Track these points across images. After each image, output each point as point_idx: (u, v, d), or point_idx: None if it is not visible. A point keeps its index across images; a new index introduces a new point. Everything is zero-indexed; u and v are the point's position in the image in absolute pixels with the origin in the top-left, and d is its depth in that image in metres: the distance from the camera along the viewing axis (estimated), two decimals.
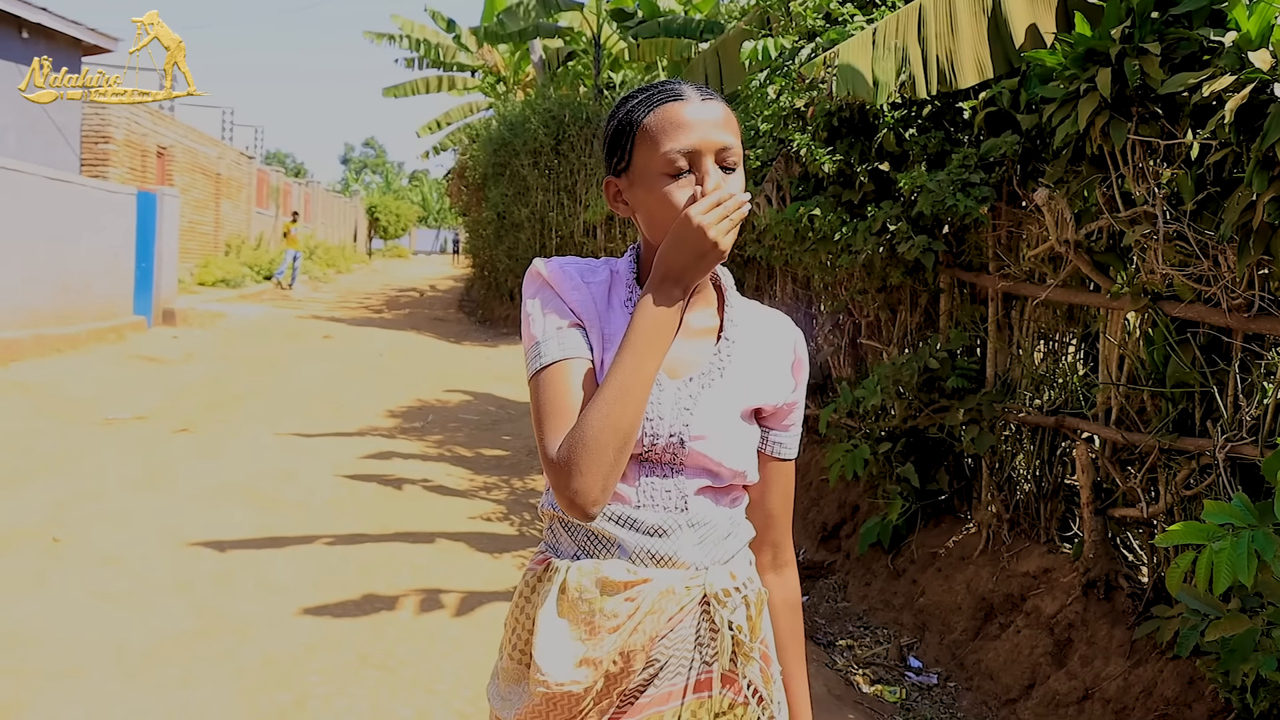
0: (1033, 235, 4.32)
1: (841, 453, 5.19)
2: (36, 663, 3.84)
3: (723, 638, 1.46)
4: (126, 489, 6.29)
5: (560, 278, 1.50)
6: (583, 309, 1.48)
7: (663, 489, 1.47)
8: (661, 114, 1.42)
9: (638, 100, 1.46)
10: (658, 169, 1.42)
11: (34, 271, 11.67)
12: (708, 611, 1.47)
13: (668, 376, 1.48)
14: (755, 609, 1.51)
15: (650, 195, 1.43)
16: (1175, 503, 3.58)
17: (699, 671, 1.48)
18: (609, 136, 1.49)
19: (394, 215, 52.27)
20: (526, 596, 1.53)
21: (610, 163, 1.50)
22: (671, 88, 1.45)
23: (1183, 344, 3.54)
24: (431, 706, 3.67)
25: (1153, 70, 3.30)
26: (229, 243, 25.36)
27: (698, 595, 1.46)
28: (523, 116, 16.97)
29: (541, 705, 1.44)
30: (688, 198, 1.41)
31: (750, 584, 1.52)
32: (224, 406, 9.31)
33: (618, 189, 1.50)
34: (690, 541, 1.47)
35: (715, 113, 1.43)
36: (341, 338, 15.42)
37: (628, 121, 1.45)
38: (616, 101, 1.51)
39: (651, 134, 1.42)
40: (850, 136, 4.92)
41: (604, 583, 1.43)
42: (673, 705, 1.46)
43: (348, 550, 5.35)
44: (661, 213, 1.43)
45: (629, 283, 1.52)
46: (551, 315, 1.46)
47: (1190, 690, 3.30)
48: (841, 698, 3.99)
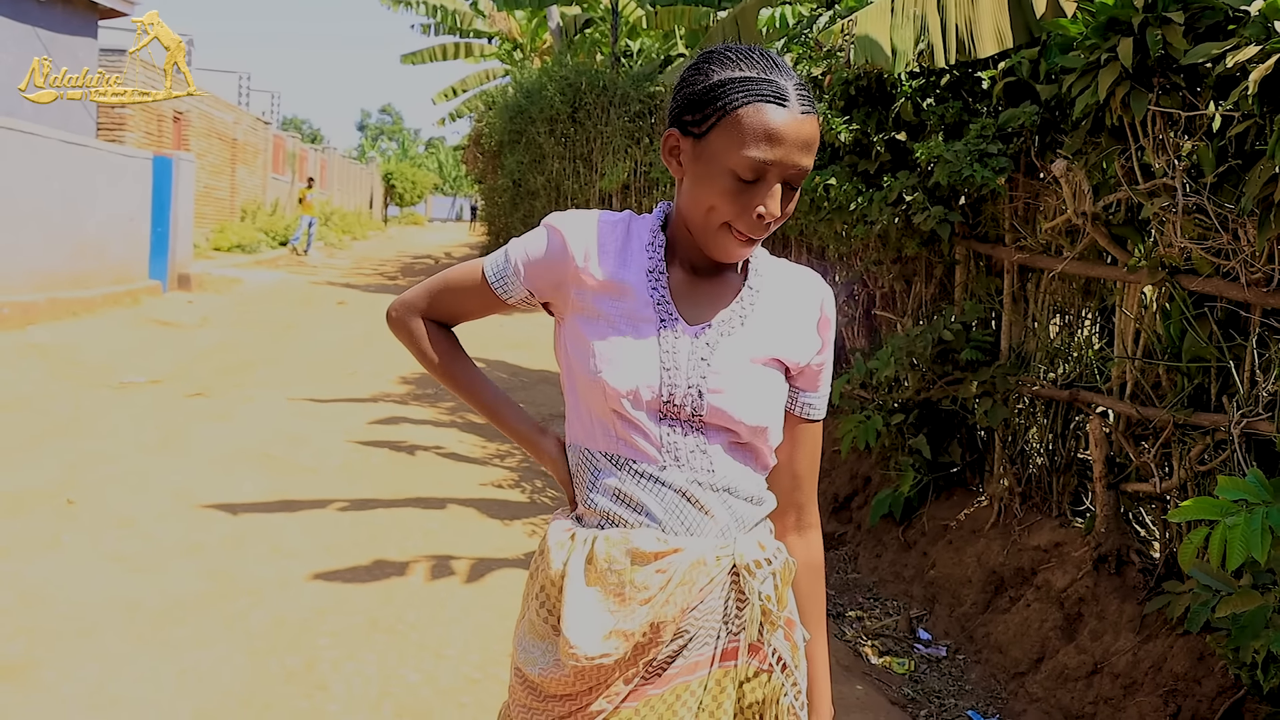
0: (1050, 207, 4.27)
1: (854, 424, 5.17)
2: (50, 623, 3.88)
3: (751, 609, 1.45)
4: (140, 452, 6.32)
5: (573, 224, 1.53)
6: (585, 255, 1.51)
7: (687, 448, 1.46)
8: (760, 114, 1.36)
9: (740, 82, 1.37)
10: (730, 164, 1.37)
11: (49, 235, 11.69)
12: (737, 582, 1.46)
13: (686, 324, 1.47)
14: (783, 579, 1.50)
15: (709, 183, 1.40)
16: (1189, 478, 3.56)
17: (726, 641, 1.47)
18: (693, 94, 1.41)
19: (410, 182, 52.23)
20: (555, 554, 1.49)
21: (680, 117, 1.44)
22: (778, 85, 1.37)
23: (1200, 319, 3.50)
24: (439, 670, 3.69)
25: (1176, 40, 3.25)
26: (245, 208, 25.38)
27: (728, 566, 1.45)
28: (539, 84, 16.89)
29: (570, 676, 1.44)
30: (741, 210, 1.39)
31: (779, 555, 1.51)
32: (238, 371, 9.34)
33: (678, 145, 1.45)
34: (718, 504, 1.46)
35: (808, 129, 1.38)
36: (355, 304, 15.42)
37: (721, 99, 1.38)
38: (710, 55, 1.43)
39: (741, 129, 1.36)
40: (867, 106, 4.87)
41: (635, 554, 1.42)
42: (699, 675, 1.46)
43: (359, 515, 5.37)
44: (710, 201, 1.40)
45: (654, 229, 1.52)
46: (529, 260, 1.54)
47: (1200, 666, 3.29)
48: (850, 668, 3.99)
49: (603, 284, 1.48)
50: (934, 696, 3.95)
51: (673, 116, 1.46)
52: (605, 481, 1.48)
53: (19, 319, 10.49)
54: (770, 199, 1.38)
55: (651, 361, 1.44)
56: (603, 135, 16.03)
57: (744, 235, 1.41)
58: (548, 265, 1.51)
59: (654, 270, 1.49)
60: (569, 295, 1.50)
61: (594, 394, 1.46)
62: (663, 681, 1.45)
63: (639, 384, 1.44)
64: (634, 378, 1.44)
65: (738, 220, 1.40)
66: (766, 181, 1.38)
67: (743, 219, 1.40)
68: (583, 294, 1.49)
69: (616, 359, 1.44)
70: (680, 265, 1.52)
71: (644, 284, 1.48)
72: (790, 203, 1.42)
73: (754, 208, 1.39)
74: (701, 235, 1.44)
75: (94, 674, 3.51)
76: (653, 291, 1.48)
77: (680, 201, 1.47)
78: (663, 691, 1.44)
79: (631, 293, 1.47)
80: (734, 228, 1.41)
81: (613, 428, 1.47)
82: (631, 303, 1.47)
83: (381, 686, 3.56)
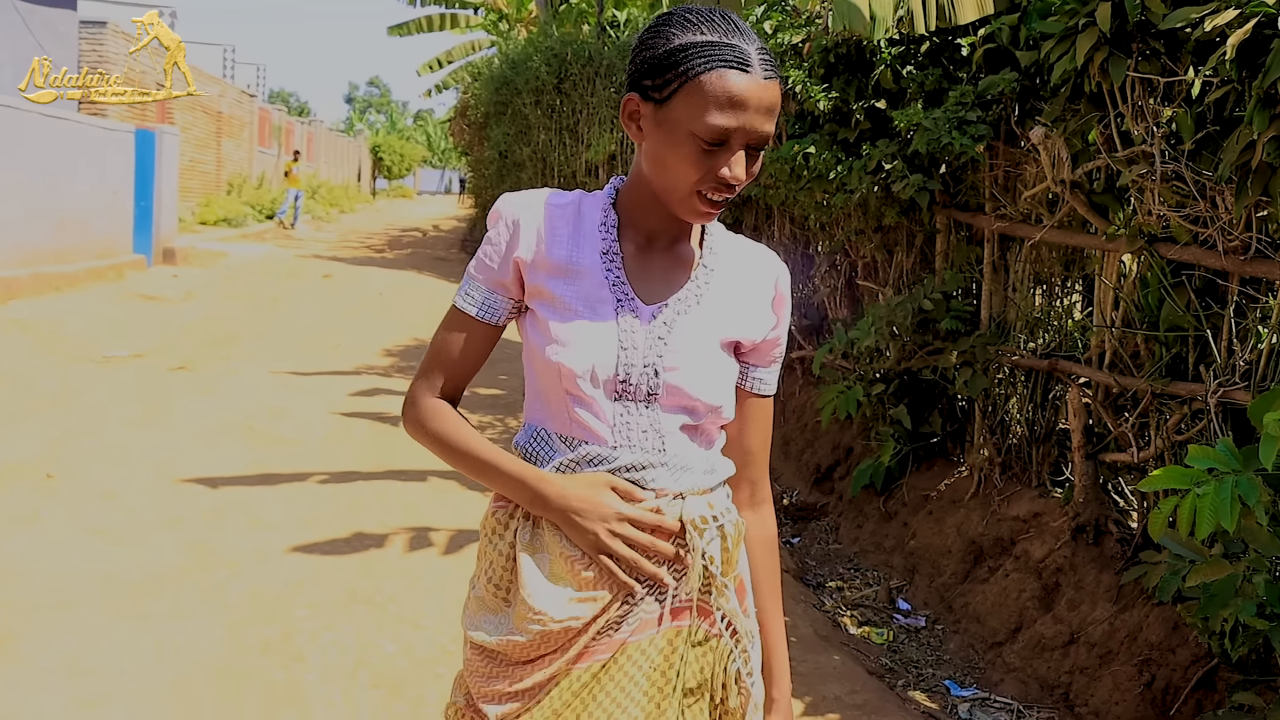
0: (1030, 175, 4.25)
1: (835, 394, 5.17)
2: (28, 596, 3.86)
3: (694, 566, 1.44)
4: (122, 426, 6.29)
5: (522, 208, 1.50)
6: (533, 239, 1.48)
7: (639, 428, 1.45)
8: (722, 80, 1.33)
9: (701, 47, 1.34)
10: (693, 130, 1.35)
11: (31, 209, 11.59)
12: (684, 539, 1.45)
13: (642, 303, 1.46)
14: (733, 541, 1.50)
15: (672, 150, 1.38)
16: (1166, 448, 3.56)
17: (674, 600, 1.47)
18: (653, 58, 1.38)
19: (398, 155, 51.89)
20: (499, 533, 1.51)
21: (639, 82, 1.41)
22: (740, 50, 1.35)
23: (1178, 287, 3.49)
24: (416, 641, 3.69)
25: (1154, 4, 3.22)
26: (231, 182, 25.21)
27: (674, 522, 1.45)
28: (525, 55, 16.72)
29: (536, 640, 1.43)
30: (706, 174, 1.37)
31: (727, 514, 1.51)
32: (222, 345, 9.30)
33: (638, 109, 1.42)
34: (666, 476, 1.46)
35: (771, 94, 1.36)
36: (342, 277, 15.37)
37: (683, 64, 1.35)
38: (669, 17, 1.40)
39: (703, 96, 1.34)
40: (847, 73, 4.83)
41: None
42: (649, 633, 1.46)
43: (340, 488, 5.35)
44: (675, 168, 1.39)
45: (605, 207, 1.51)
46: (489, 266, 1.51)
47: (1175, 635, 3.30)
48: (828, 639, 4.00)
49: (557, 267, 1.47)
50: (912, 666, 3.96)
51: (631, 80, 1.42)
52: (557, 460, 1.47)
53: (1, 294, 10.42)
54: (734, 164, 1.37)
55: (609, 342, 1.43)
56: (589, 106, 15.89)
57: (710, 199, 1.40)
58: (505, 261, 1.49)
59: (608, 251, 1.48)
60: (526, 281, 1.49)
61: (550, 376, 1.45)
62: (613, 644, 1.44)
63: (595, 364, 1.43)
64: (590, 358, 1.43)
65: (703, 184, 1.38)
66: (730, 147, 1.36)
67: (707, 183, 1.38)
68: (536, 278, 1.48)
69: (573, 341, 1.43)
70: (634, 241, 1.50)
71: (598, 265, 1.47)
72: (754, 165, 1.41)
73: (718, 172, 1.37)
74: (668, 199, 1.43)
75: (71, 646, 3.50)
76: (608, 273, 1.47)
77: (644, 166, 1.45)
78: (612, 654, 1.44)
79: (586, 274, 1.46)
80: (700, 192, 1.39)
81: (566, 409, 1.46)
82: (587, 284, 1.46)
83: (358, 657, 3.56)
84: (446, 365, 1.55)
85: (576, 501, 1.41)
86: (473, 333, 1.53)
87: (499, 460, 1.48)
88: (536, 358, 1.47)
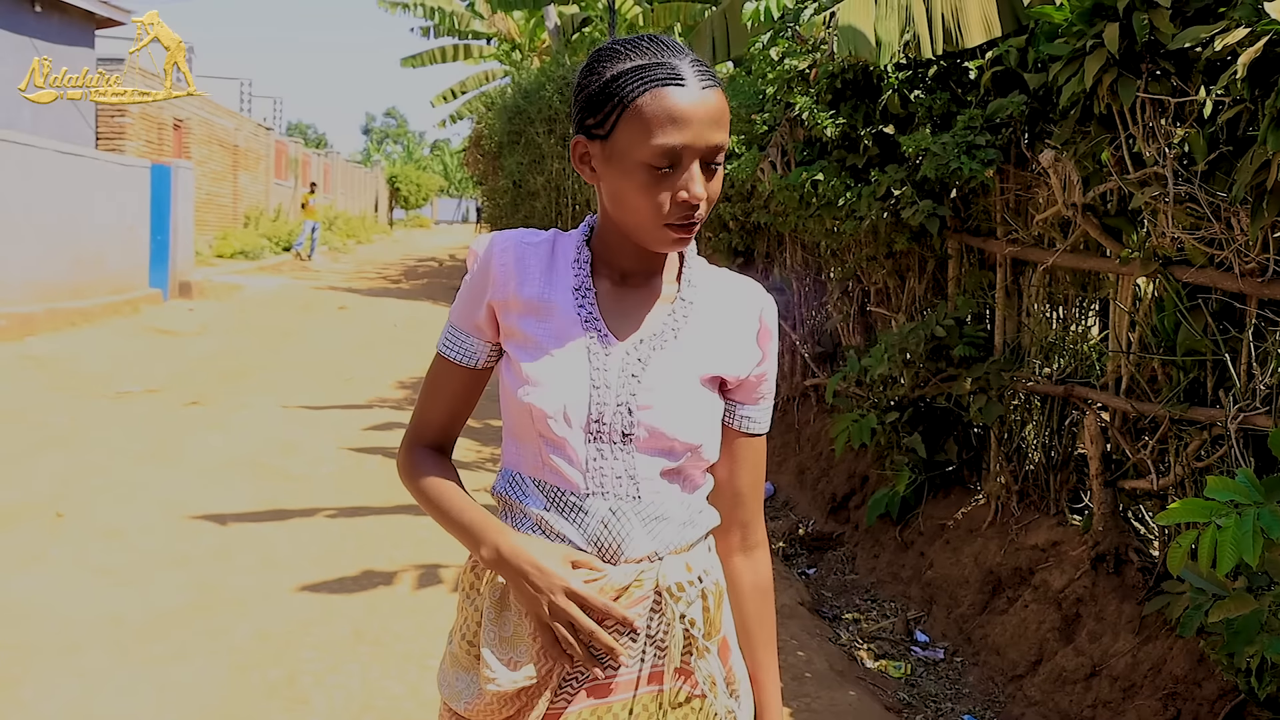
0: (1041, 199, 4.18)
1: (848, 422, 5.09)
2: (33, 638, 3.83)
3: (674, 633, 1.39)
4: (132, 462, 6.27)
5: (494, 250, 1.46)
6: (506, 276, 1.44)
7: (614, 474, 1.39)
8: (658, 100, 1.29)
9: (631, 73, 1.31)
10: (641, 158, 1.31)
11: (47, 245, 11.67)
12: (660, 604, 1.39)
13: (615, 339, 1.41)
14: (715, 601, 1.44)
15: (626, 181, 1.33)
16: (1186, 475, 3.47)
17: (651, 664, 1.41)
18: (590, 96, 1.35)
19: (415, 185, 52.23)
20: (475, 587, 1.48)
21: (583, 122, 1.37)
22: (671, 66, 1.31)
23: (1194, 310, 3.41)
24: (424, 681, 3.62)
25: (1163, 24, 3.16)
26: (248, 214, 25.38)
27: (650, 589, 1.39)
28: (538, 84, 16.79)
29: (493, 703, 1.40)
30: (666, 200, 1.32)
31: (708, 575, 1.44)
32: (235, 379, 9.29)
33: (587, 152, 1.38)
34: (641, 534, 1.40)
35: (713, 104, 1.31)
36: (357, 309, 15.39)
37: (617, 94, 1.31)
38: (599, 53, 1.36)
39: (643, 120, 1.30)
40: (854, 99, 4.78)
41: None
42: (622, 697, 1.40)
43: (349, 524, 5.30)
44: (633, 201, 1.34)
45: (579, 244, 1.46)
46: (466, 310, 1.48)
47: (1200, 669, 3.20)
48: (844, 674, 3.91)
49: (529, 305, 1.42)
50: (930, 701, 3.87)
51: (576, 123, 1.39)
52: (530, 509, 1.43)
53: (17, 330, 10.46)
54: (691, 182, 1.32)
55: (581, 380, 1.39)
56: None
57: (677, 225, 1.34)
58: (479, 304, 1.46)
59: (580, 287, 1.43)
60: (500, 323, 1.45)
61: (523, 418, 1.40)
62: (581, 700, 1.39)
63: (566, 404, 1.38)
64: (561, 398, 1.38)
65: (665, 211, 1.33)
66: (683, 165, 1.32)
67: (669, 208, 1.33)
68: (509, 319, 1.43)
69: (544, 380, 1.39)
70: (609, 278, 1.45)
71: (570, 302, 1.42)
72: (714, 180, 1.36)
73: (677, 196, 1.32)
74: (636, 235, 1.38)
75: (74, 691, 3.46)
76: (580, 309, 1.42)
77: (606, 207, 1.41)
78: (580, 708, 1.38)
79: (558, 311, 1.42)
80: (664, 219, 1.34)
81: (539, 452, 1.41)
82: (559, 321, 1.41)
83: (364, 700, 3.50)
84: (432, 412, 1.53)
85: (528, 565, 1.35)
86: (454, 378, 1.50)
87: (464, 513, 1.44)
88: (510, 400, 1.42)
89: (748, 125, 5.73)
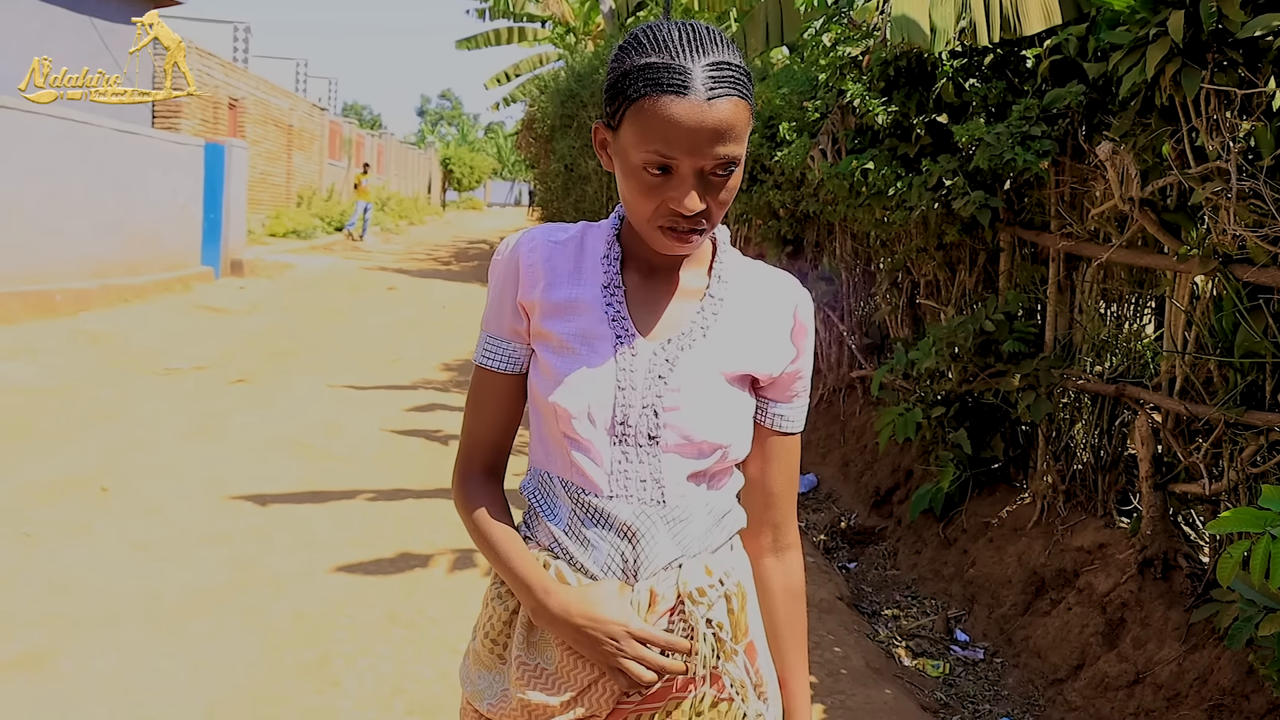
0: (1097, 192, 4.07)
1: (893, 415, 5.01)
2: (75, 611, 3.87)
3: (699, 638, 1.34)
4: (178, 440, 6.33)
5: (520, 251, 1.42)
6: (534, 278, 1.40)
7: (638, 477, 1.35)
8: (655, 106, 1.22)
9: (639, 71, 1.24)
10: (637, 159, 1.26)
11: (102, 222, 11.83)
12: (683, 611, 1.35)
13: (643, 338, 1.36)
14: (739, 602, 1.38)
15: (625, 178, 1.29)
16: (1240, 480, 3.36)
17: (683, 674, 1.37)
18: (608, 84, 1.30)
19: (468, 167, 52.46)
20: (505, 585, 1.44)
21: (605, 108, 1.32)
22: (680, 70, 1.22)
23: (1254, 311, 3.30)
24: (455, 667, 3.60)
25: (1232, 11, 3.04)
26: (301, 194, 25.60)
27: (672, 596, 1.35)
28: (590, 68, 16.74)
29: (519, 710, 1.38)
30: (660, 204, 1.27)
31: (729, 577, 1.39)
32: (282, 357, 9.37)
33: (605, 139, 1.34)
34: (666, 540, 1.35)
35: (719, 116, 1.22)
36: (406, 289, 15.47)
37: (624, 90, 1.25)
38: (628, 40, 1.30)
39: (642, 121, 1.23)
40: (907, 86, 4.68)
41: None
42: (651, 706, 1.36)
43: (388, 506, 5.31)
44: (630, 199, 1.30)
45: (609, 239, 1.41)
46: (499, 315, 1.43)
47: (1249, 681, 3.10)
48: (880, 671, 3.84)
49: (557, 306, 1.38)
50: (968, 701, 3.79)
51: (602, 108, 1.34)
52: (557, 509, 1.39)
53: (72, 305, 10.63)
54: (683, 195, 1.25)
55: (606, 381, 1.34)
56: None
57: (673, 230, 1.29)
58: (512, 307, 1.41)
59: (609, 284, 1.38)
60: (531, 324, 1.41)
61: (549, 417, 1.37)
62: (615, 714, 1.36)
63: (591, 404, 1.34)
64: (586, 398, 1.34)
65: (658, 218, 1.28)
66: (677, 174, 1.25)
67: (662, 217, 1.28)
68: (539, 319, 1.39)
69: (570, 380, 1.34)
70: (638, 271, 1.41)
71: (599, 299, 1.37)
72: (719, 192, 1.28)
73: (669, 203, 1.27)
74: (640, 231, 1.33)
75: (110, 665, 3.49)
76: (608, 307, 1.37)
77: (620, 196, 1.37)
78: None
79: (586, 310, 1.37)
80: (658, 222, 1.29)
81: (565, 452, 1.37)
82: (586, 320, 1.37)
83: (395, 682, 3.49)
84: (481, 428, 1.47)
85: (581, 620, 1.31)
86: (499, 387, 1.44)
87: (511, 557, 1.38)
88: (538, 400, 1.38)
89: (799, 112, 5.65)
